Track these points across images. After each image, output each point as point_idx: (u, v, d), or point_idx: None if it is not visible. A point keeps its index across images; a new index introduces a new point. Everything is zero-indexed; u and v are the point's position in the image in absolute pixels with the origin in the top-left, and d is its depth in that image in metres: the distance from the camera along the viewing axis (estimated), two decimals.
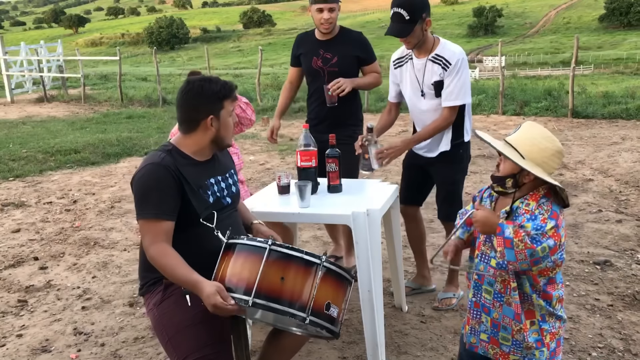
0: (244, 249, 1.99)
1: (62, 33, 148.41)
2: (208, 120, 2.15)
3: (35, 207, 5.88)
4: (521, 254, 1.85)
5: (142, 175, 2.09)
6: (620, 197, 5.42)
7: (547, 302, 1.99)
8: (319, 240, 4.66)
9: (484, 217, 1.94)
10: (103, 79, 22.06)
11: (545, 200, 1.97)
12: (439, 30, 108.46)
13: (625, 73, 46.80)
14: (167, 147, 2.18)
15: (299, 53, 3.67)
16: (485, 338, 2.10)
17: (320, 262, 1.97)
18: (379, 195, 2.90)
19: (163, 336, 2.14)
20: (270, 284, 1.91)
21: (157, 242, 2.03)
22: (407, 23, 2.95)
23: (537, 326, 2.00)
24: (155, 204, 2.05)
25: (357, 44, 3.62)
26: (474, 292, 2.11)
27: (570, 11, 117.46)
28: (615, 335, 3.06)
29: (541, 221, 1.89)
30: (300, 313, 1.90)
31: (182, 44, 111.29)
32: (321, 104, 3.58)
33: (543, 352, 2.01)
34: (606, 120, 9.53)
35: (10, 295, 3.88)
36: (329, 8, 3.44)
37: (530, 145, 1.95)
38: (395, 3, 2.97)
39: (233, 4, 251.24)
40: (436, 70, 3.09)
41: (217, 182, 2.25)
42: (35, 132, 10.47)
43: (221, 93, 2.16)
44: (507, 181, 1.99)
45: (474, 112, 10.87)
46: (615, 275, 3.78)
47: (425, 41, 3.08)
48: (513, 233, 1.86)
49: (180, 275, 1.99)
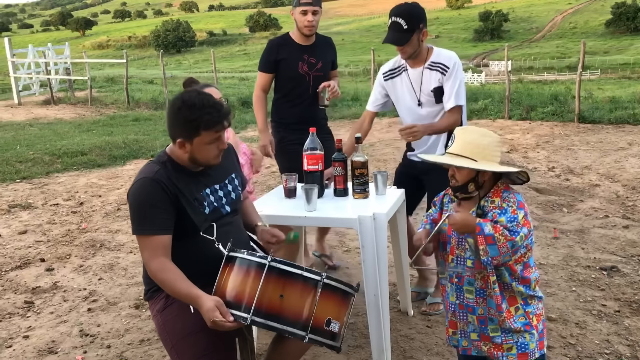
0: (244, 263, 1.97)
1: (69, 36, 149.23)
2: (179, 142, 2.08)
3: (41, 209, 5.90)
4: (503, 247, 1.95)
5: (134, 191, 2.06)
6: (627, 203, 5.39)
7: (526, 286, 2.09)
8: (325, 244, 4.65)
9: (463, 219, 2.03)
10: (110, 81, 22.16)
11: (507, 194, 2.08)
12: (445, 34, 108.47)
13: (632, 78, 46.60)
14: (162, 159, 2.14)
15: (280, 58, 3.63)
16: (476, 337, 2.15)
17: (321, 279, 1.94)
18: (385, 200, 2.90)
19: (167, 343, 2.15)
20: (269, 301, 1.89)
21: (155, 257, 2.03)
22: (405, 32, 3.01)
23: (522, 310, 2.09)
24: (150, 219, 2.03)
25: (332, 49, 3.80)
26: (456, 294, 2.18)
27: (577, 16, 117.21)
28: (622, 342, 3.05)
29: (512, 213, 2.00)
30: (299, 332, 1.89)
31: (188, 47, 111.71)
32: (306, 107, 3.66)
33: (533, 334, 2.09)
34: (613, 125, 9.50)
35: (17, 296, 3.89)
36: (313, 10, 3.51)
37: (475, 147, 2.07)
38: (394, 12, 3.04)
39: (239, 7, 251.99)
40: (434, 76, 3.14)
41: (214, 192, 2.21)
42: (42, 134, 10.53)
43: (196, 123, 2.01)
44: (469, 186, 2.10)
45: (480, 116, 10.87)
46: (622, 281, 3.76)
47: (420, 51, 3.14)
48: (493, 229, 1.96)
49: (180, 289, 1.98)
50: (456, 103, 3.11)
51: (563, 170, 6.71)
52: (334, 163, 2.92)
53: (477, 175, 2.08)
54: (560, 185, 6.15)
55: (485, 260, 1.98)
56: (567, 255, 4.22)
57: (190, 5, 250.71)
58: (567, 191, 5.92)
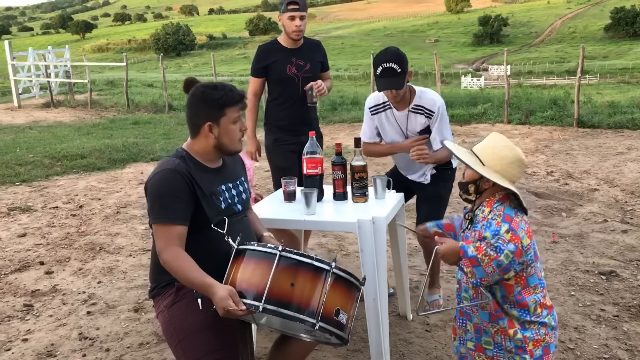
0: (254, 255, 2.01)
1: (69, 39, 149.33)
2: (206, 127, 2.17)
3: (41, 212, 5.91)
4: (489, 267, 1.90)
5: (156, 180, 2.12)
6: (626, 207, 5.40)
7: (522, 310, 2.01)
8: (324, 248, 4.66)
9: (447, 248, 2.00)
10: (109, 84, 22.20)
11: (498, 205, 2.04)
12: (445, 38, 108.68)
13: (631, 83, 46.72)
14: (180, 154, 2.21)
15: (269, 62, 3.73)
16: (472, 346, 2.14)
17: (330, 268, 1.98)
18: (384, 204, 2.91)
19: (173, 339, 2.15)
20: (281, 290, 1.92)
21: (170, 245, 2.06)
22: (399, 75, 3.05)
23: (519, 335, 2.01)
24: (170, 209, 2.07)
25: (320, 51, 3.88)
26: (457, 300, 2.19)
27: (576, 20, 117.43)
28: (621, 346, 3.05)
29: (495, 225, 1.95)
30: (310, 319, 1.91)
31: (188, 50, 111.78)
32: (297, 109, 3.74)
33: (525, 358, 2.01)
34: (612, 130, 9.52)
35: (16, 299, 3.89)
36: (300, 16, 3.61)
37: (491, 154, 2.05)
38: (384, 59, 3.05)
39: (239, 11, 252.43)
40: (419, 119, 3.22)
41: (228, 189, 2.27)
42: (41, 137, 10.53)
43: (222, 100, 2.16)
44: (469, 187, 2.09)
45: (479, 121, 10.89)
46: (621, 285, 3.77)
47: (404, 93, 3.18)
48: (475, 250, 1.91)
49: (193, 278, 2.00)
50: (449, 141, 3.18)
51: (562, 175, 6.72)
52: (333, 167, 2.93)
53: (479, 180, 2.07)
54: (559, 189, 6.16)
55: (475, 282, 1.96)
56: (565, 259, 4.23)
57: (190, 8, 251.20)
58: (566, 195, 5.93)
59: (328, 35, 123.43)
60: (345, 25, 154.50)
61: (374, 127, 3.39)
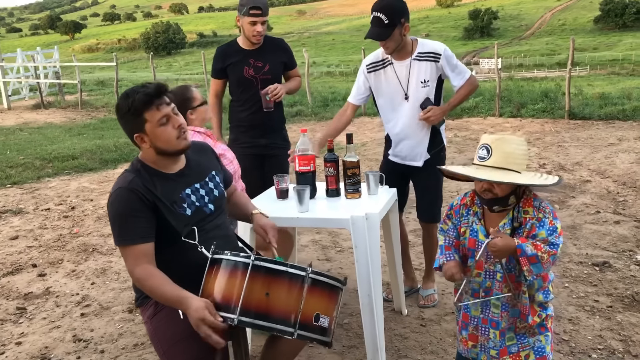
0: (228, 264, 1.96)
1: (58, 39, 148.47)
2: (137, 139, 2.08)
3: (33, 214, 5.87)
4: (547, 262, 1.91)
5: (113, 201, 2.05)
6: (618, 198, 5.43)
7: (545, 292, 2.05)
8: (318, 245, 4.66)
9: (504, 244, 1.92)
10: (100, 84, 22.04)
11: (539, 203, 2.01)
12: (435, 32, 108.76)
13: (621, 74, 46.98)
14: (135, 167, 2.13)
15: (227, 64, 3.69)
16: (495, 354, 2.11)
17: (306, 274, 1.93)
18: (377, 199, 2.90)
19: (158, 349, 2.14)
20: (256, 301, 1.88)
21: (139, 265, 2.01)
22: (386, 27, 3.03)
23: (544, 315, 2.05)
24: (129, 228, 2.02)
25: (283, 50, 3.78)
26: (481, 308, 2.12)
27: (566, 13, 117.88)
28: (615, 337, 3.07)
29: (549, 224, 1.95)
30: (287, 328, 1.88)
31: (178, 49, 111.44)
32: (256, 111, 3.67)
33: (548, 336, 2.08)
34: (603, 121, 9.55)
35: (9, 302, 3.87)
36: (262, 21, 3.56)
37: (516, 158, 1.98)
38: (375, 7, 3.06)
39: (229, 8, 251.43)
40: (425, 66, 3.17)
41: (195, 191, 2.19)
42: (32, 138, 10.46)
43: (133, 108, 2.01)
44: (510, 199, 2.01)
45: (471, 114, 10.90)
46: (614, 276, 3.79)
47: (404, 45, 3.16)
48: (534, 248, 1.90)
49: (167, 293, 1.96)
50: (464, 78, 3.22)
51: (554, 167, 6.74)
52: (325, 164, 2.92)
53: (519, 187, 2.00)
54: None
55: (531, 279, 1.94)
56: None
57: (179, 7, 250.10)
58: (558, 187, 5.95)
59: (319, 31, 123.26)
60: (336, 21, 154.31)
61: (367, 87, 3.34)
